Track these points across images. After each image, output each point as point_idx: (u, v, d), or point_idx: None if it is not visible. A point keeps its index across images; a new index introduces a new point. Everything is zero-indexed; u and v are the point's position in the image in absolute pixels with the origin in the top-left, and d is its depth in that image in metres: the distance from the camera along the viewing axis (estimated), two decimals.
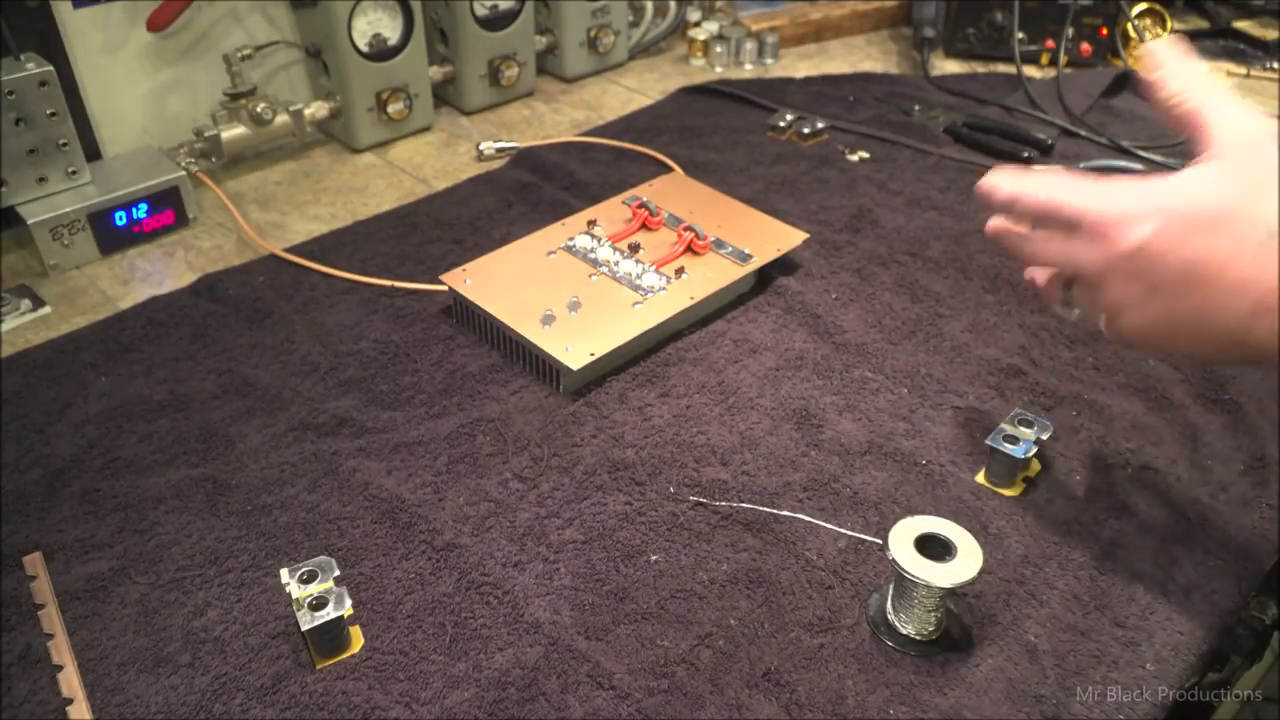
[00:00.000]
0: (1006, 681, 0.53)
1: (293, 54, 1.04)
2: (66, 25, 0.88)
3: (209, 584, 0.58)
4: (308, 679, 0.52)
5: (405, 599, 0.57)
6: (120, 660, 0.53)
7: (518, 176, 0.97)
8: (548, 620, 0.55)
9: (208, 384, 0.72)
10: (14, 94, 0.81)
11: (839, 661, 0.54)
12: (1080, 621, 0.56)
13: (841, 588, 0.58)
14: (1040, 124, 1.07)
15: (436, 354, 0.75)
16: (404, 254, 0.86)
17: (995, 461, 0.64)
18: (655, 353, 0.75)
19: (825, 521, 0.61)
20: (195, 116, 0.99)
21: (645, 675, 0.53)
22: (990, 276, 0.83)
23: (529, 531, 0.61)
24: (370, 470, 0.64)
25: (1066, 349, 0.76)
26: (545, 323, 0.71)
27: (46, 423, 0.68)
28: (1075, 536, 0.61)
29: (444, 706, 0.51)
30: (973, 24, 1.23)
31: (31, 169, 0.84)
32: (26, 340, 0.77)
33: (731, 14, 1.30)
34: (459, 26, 1.06)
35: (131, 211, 0.87)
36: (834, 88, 1.16)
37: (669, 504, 0.62)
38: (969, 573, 0.51)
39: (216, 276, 0.83)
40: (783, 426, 0.68)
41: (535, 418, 0.69)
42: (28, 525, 0.61)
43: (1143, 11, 1.22)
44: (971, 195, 0.94)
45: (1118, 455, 0.66)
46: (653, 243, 0.80)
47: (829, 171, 0.98)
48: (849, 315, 0.79)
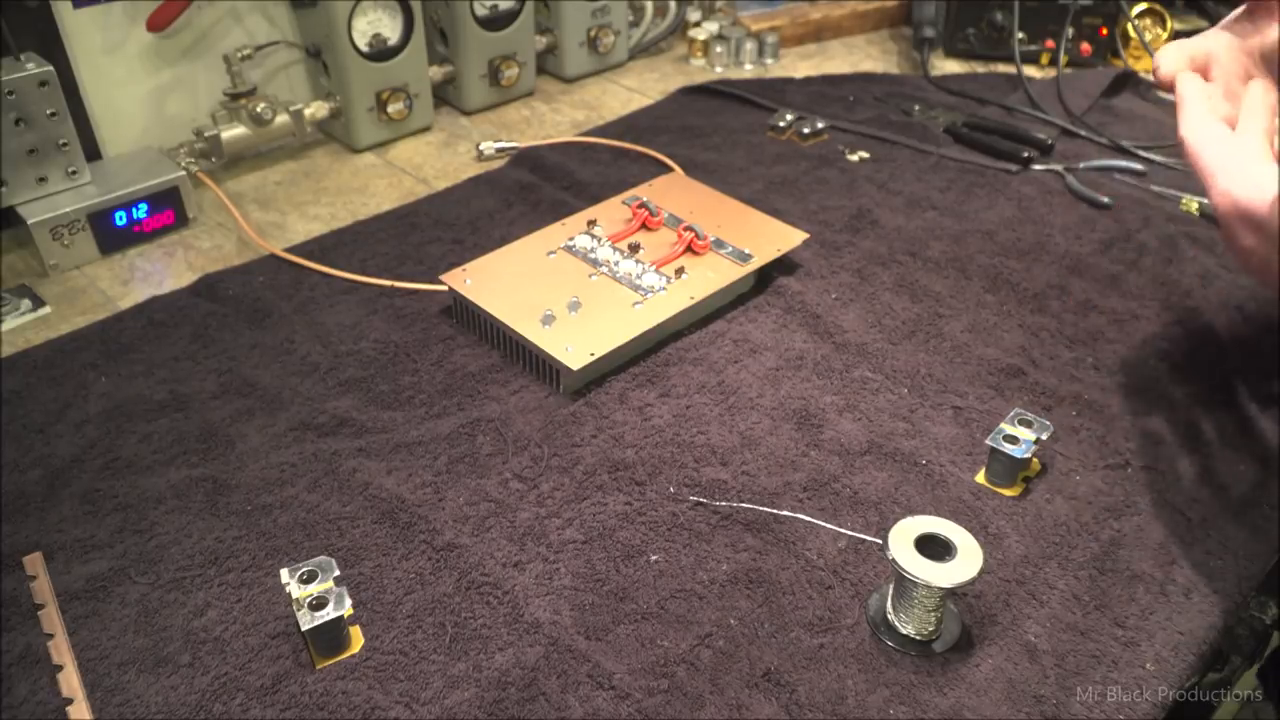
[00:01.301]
0: (1006, 681, 0.53)
1: (293, 54, 1.04)
2: (66, 25, 0.88)
3: (209, 584, 0.58)
4: (308, 679, 0.52)
5: (405, 599, 0.57)
6: (120, 660, 0.53)
7: (518, 176, 0.97)
8: (548, 620, 0.55)
9: (208, 384, 0.72)
10: (14, 94, 0.81)
11: (839, 661, 0.54)
12: (1080, 621, 0.56)
13: (841, 588, 0.58)
14: (1040, 124, 1.07)
15: (436, 354, 0.75)
16: (404, 254, 0.86)
17: (995, 461, 0.64)
18: (655, 353, 0.75)
19: (825, 521, 0.61)
20: (195, 116, 0.99)
21: (645, 675, 0.53)
22: (990, 276, 0.83)
23: (529, 531, 0.61)
24: (370, 470, 0.64)
25: (1066, 349, 0.76)
26: (545, 323, 0.71)
27: (46, 423, 0.68)
28: (1075, 536, 0.61)
29: (444, 706, 0.51)
30: (973, 24, 1.23)
31: (31, 169, 0.84)
32: (26, 340, 0.77)
33: (731, 14, 1.30)
34: (459, 26, 1.06)
35: (131, 211, 0.87)
36: (834, 88, 1.16)
37: (669, 504, 0.62)
38: (969, 573, 0.51)
39: (216, 276, 0.83)
40: (783, 426, 0.68)
41: (535, 418, 0.69)
42: (28, 525, 0.61)
43: (1143, 11, 1.22)
44: (971, 195, 0.94)
45: (1118, 455, 0.66)
46: (653, 243, 0.80)
47: (829, 171, 0.98)
48: (849, 315, 0.79)
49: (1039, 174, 0.98)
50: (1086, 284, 0.82)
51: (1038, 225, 0.90)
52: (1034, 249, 0.87)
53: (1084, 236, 0.88)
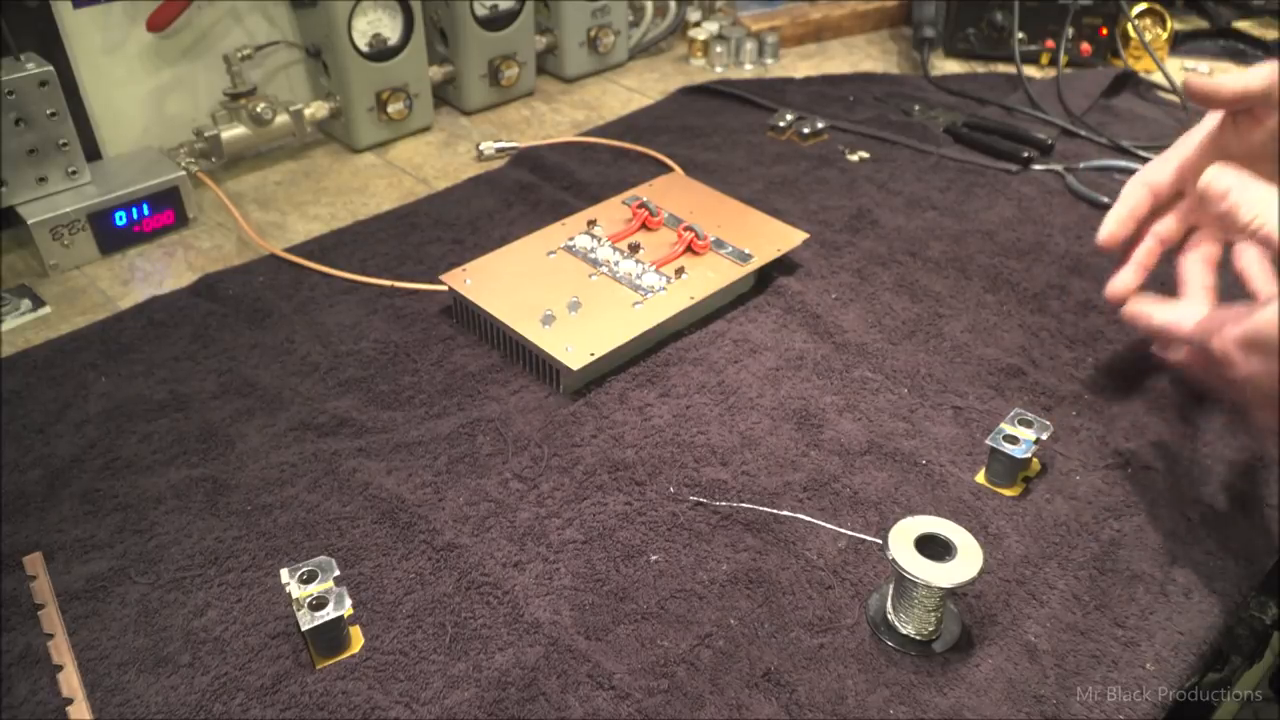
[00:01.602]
0: (1006, 681, 0.53)
1: (293, 54, 1.04)
2: (66, 25, 0.88)
3: (209, 584, 0.58)
4: (308, 679, 0.52)
5: (405, 599, 0.57)
6: (120, 660, 0.53)
7: (518, 176, 0.97)
8: (548, 620, 0.55)
9: (208, 384, 0.72)
10: (14, 94, 0.81)
11: (839, 661, 0.54)
12: (1080, 621, 0.56)
13: (841, 588, 0.58)
14: (1040, 124, 1.07)
15: (436, 354, 0.75)
16: (404, 254, 0.86)
17: (995, 461, 0.64)
18: (655, 353, 0.75)
19: (825, 521, 0.61)
20: (195, 116, 0.99)
21: (645, 675, 0.53)
22: (990, 276, 0.83)
23: (529, 531, 0.61)
24: (370, 470, 0.64)
25: (1066, 349, 0.76)
26: (545, 323, 0.71)
27: (46, 423, 0.68)
28: (1075, 536, 0.61)
29: (444, 706, 0.51)
30: (973, 24, 1.23)
31: (31, 169, 0.84)
32: (26, 340, 0.77)
33: (731, 14, 1.30)
34: (459, 26, 1.06)
35: (131, 211, 0.87)
36: (834, 88, 1.16)
37: (669, 504, 0.62)
38: (969, 573, 0.51)
39: (216, 276, 0.83)
40: (783, 426, 0.68)
41: (535, 418, 0.69)
42: (28, 525, 0.61)
43: (1143, 11, 1.22)
44: (971, 195, 0.94)
45: (1118, 455, 0.66)
46: (653, 243, 0.80)
47: (829, 171, 0.98)
48: (849, 315, 0.79)
49: (1039, 174, 0.98)
50: (1086, 284, 0.82)
51: (1038, 225, 0.90)
52: (1034, 249, 0.87)
53: (1084, 236, 0.88)
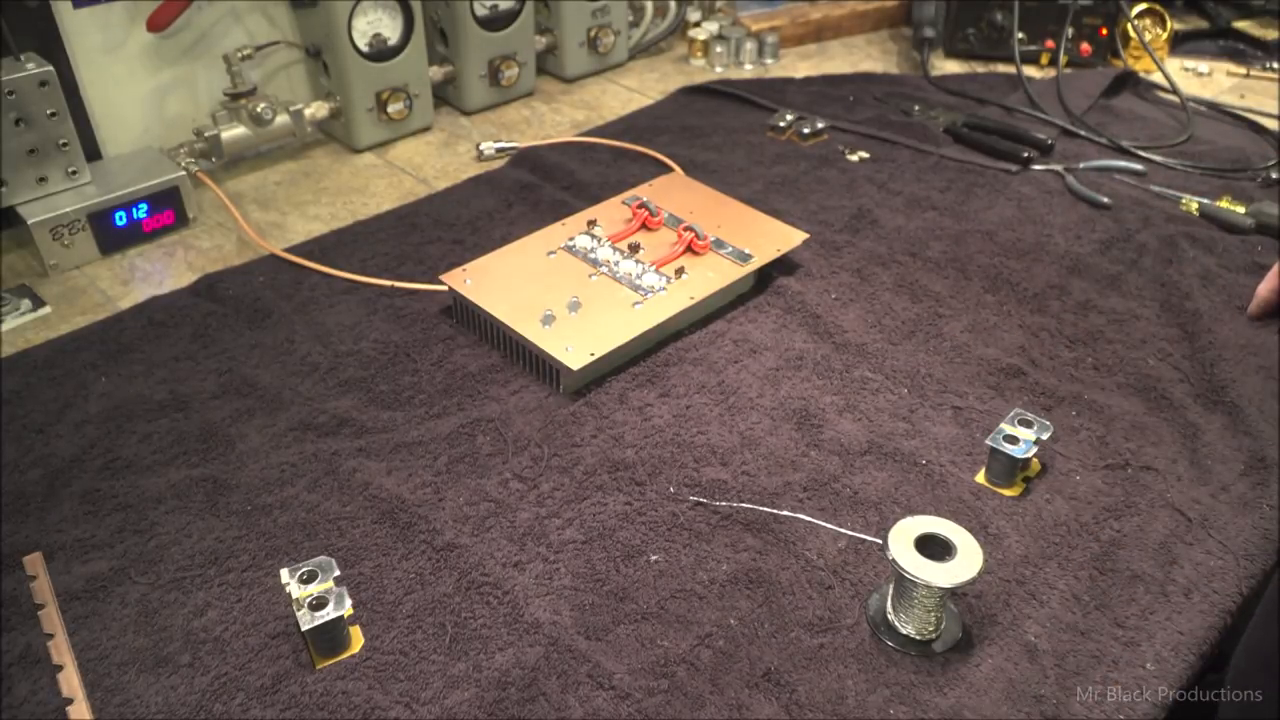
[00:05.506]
0: (1006, 681, 0.53)
1: (293, 54, 1.04)
2: (66, 25, 0.88)
3: (209, 584, 0.57)
4: (308, 679, 0.52)
5: (405, 599, 0.57)
6: (120, 660, 0.53)
7: (518, 176, 0.97)
8: (548, 620, 0.55)
9: (208, 384, 0.72)
10: (14, 94, 0.81)
11: (839, 661, 0.54)
12: (1080, 621, 0.56)
13: (841, 588, 0.58)
14: (1040, 124, 1.07)
15: (436, 354, 0.75)
16: (404, 254, 0.86)
17: (995, 461, 0.64)
18: (655, 353, 0.75)
19: (825, 521, 0.61)
20: (195, 116, 0.99)
21: (645, 675, 0.53)
22: (990, 276, 0.83)
23: (529, 531, 0.61)
24: (370, 470, 0.64)
25: (1066, 349, 0.76)
26: (545, 323, 0.71)
27: (46, 423, 0.68)
28: (1075, 536, 0.61)
29: (444, 706, 0.51)
30: (973, 24, 1.23)
31: (31, 169, 0.84)
32: (26, 340, 0.77)
33: (731, 14, 1.30)
34: (459, 26, 1.06)
35: (131, 211, 0.87)
36: (834, 88, 1.16)
37: (669, 504, 0.62)
38: (969, 573, 0.51)
39: (216, 276, 0.83)
40: (783, 426, 0.68)
41: (535, 418, 0.69)
42: (28, 525, 0.61)
43: (1143, 11, 1.22)
44: (971, 195, 0.94)
45: (1118, 455, 0.66)
46: (653, 243, 0.80)
47: (829, 171, 0.98)
48: (849, 315, 0.79)
49: (1039, 174, 0.98)
50: (1086, 284, 0.82)
51: (1038, 225, 0.90)
52: (1034, 249, 0.87)
53: (1084, 236, 0.88)
